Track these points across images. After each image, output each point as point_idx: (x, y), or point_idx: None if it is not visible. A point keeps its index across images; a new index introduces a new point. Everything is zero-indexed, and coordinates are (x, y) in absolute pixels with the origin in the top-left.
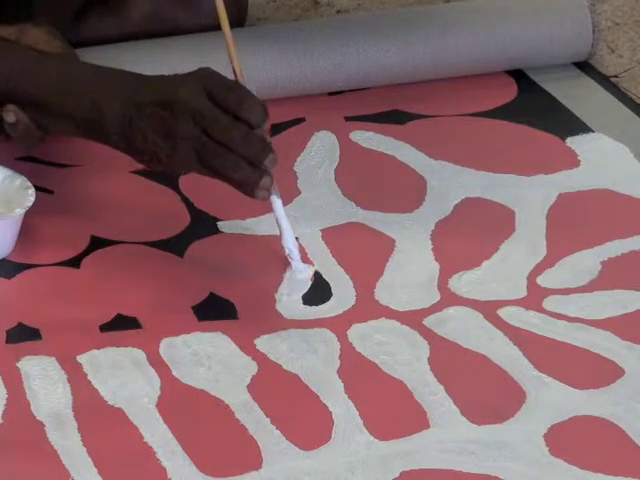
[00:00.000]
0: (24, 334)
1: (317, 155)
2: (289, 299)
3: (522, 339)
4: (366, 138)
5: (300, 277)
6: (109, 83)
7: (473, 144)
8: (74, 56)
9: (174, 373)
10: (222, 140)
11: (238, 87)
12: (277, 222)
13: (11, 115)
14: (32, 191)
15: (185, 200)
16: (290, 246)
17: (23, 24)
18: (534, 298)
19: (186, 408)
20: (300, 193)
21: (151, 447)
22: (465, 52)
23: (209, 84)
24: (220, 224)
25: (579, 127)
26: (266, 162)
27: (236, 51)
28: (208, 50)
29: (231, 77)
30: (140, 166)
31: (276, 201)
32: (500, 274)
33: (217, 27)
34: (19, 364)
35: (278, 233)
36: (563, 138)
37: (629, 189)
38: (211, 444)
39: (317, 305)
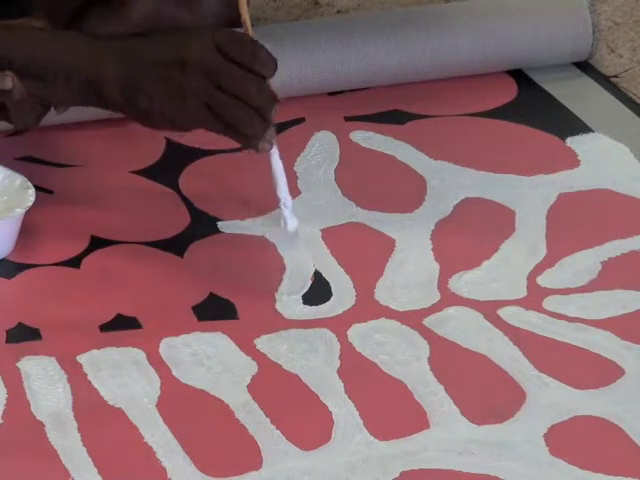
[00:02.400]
0: (24, 334)
1: (317, 155)
2: (289, 299)
3: (522, 339)
4: (366, 138)
5: (290, 228)
6: (108, 45)
7: (473, 144)
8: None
9: (174, 373)
10: (236, 92)
11: (250, 40)
12: (274, 174)
13: (8, 80)
14: (32, 191)
15: (185, 200)
16: (285, 195)
17: (20, 20)
18: (534, 298)
19: (186, 408)
20: (300, 193)
21: (151, 447)
22: (465, 52)
23: (219, 39)
24: (220, 224)
25: (579, 127)
26: (272, 113)
27: (247, 4)
28: None
29: None
30: (140, 166)
31: (275, 153)
32: (500, 274)
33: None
34: (19, 364)
35: (275, 185)
36: (563, 138)
37: (629, 189)
38: (211, 444)
39: (317, 305)
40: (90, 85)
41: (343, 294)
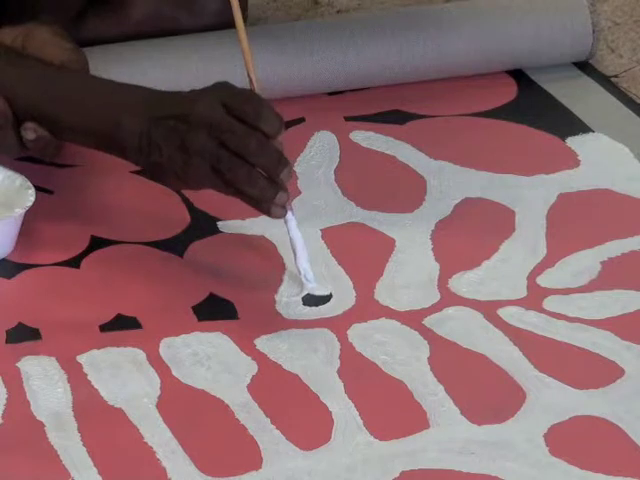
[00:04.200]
0: (24, 334)
1: (317, 155)
2: (289, 299)
3: (522, 339)
4: (366, 138)
5: (318, 293)
6: (126, 99)
7: (473, 144)
8: (82, 59)
9: (174, 373)
10: (238, 150)
11: (255, 97)
12: (291, 242)
13: (30, 133)
14: (32, 191)
15: (185, 200)
16: (305, 266)
17: (27, 25)
18: (534, 298)
19: (186, 408)
20: (300, 193)
21: (151, 447)
22: (465, 52)
23: (225, 96)
24: (220, 224)
25: (579, 127)
26: (282, 175)
27: (253, 60)
28: (209, 50)
29: (241, 84)
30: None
31: (291, 220)
32: (500, 274)
33: (217, 27)
34: (19, 364)
35: (294, 255)
36: (563, 138)
37: (629, 189)
38: (211, 444)
39: (317, 305)
40: (110, 137)
41: (343, 294)
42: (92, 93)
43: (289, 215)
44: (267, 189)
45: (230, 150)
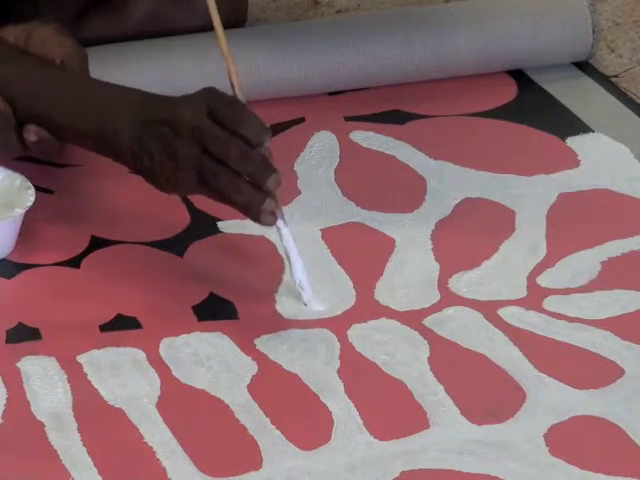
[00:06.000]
0: (24, 334)
1: (317, 155)
2: (289, 299)
3: (522, 339)
4: (366, 138)
5: (315, 309)
6: (120, 102)
7: (473, 144)
8: (83, 57)
9: (174, 373)
10: (221, 156)
11: (235, 102)
12: (285, 251)
13: (32, 135)
14: (32, 191)
15: (185, 200)
16: (300, 276)
17: (30, 23)
18: (534, 298)
19: (186, 408)
20: (300, 193)
21: (151, 447)
22: (465, 52)
23: (210, 102)
24: (220, 224)
25: (579, 127)
26: (268, 182)
27: (234, 66)
28: (208, 50)
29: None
30: None
31: (283, 228)
32: (500, 274)
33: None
34: (19, 364)
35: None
36: (563, 138)
37: (629, 189)
38: (211, 444)
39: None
40: (105, 140)
41: (343, 294)
42: (88, 95)
43: (280, 223)
44: (253, 196)
45: (215, 157)
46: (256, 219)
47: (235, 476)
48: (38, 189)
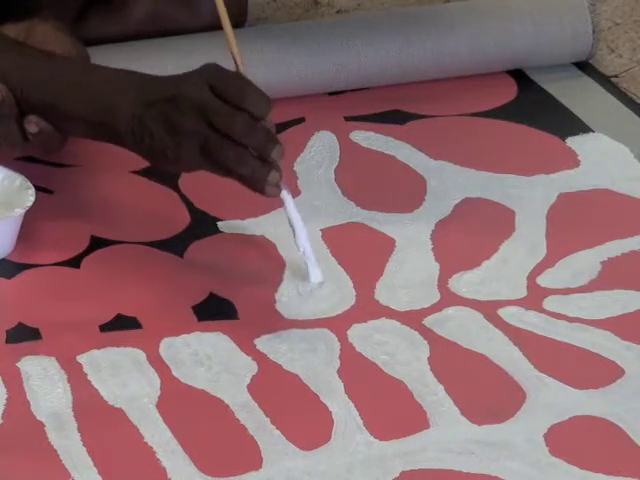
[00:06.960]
0: (24, 334)
1: (317, 155)
2: (289, 299)
3: (522, 339)
4: (366, 138)
5: (313, 280)
6: (119, 85)
7: (473, 144)
8: (83, 54)
9: (174, 373)
10: (225, 131)
11: (238, 77)
12: (289, 221)
13: (33, 126)
14: (32, 191)
15: (185, 200)
16: (304, 244)
17: (30, 21)
18: (534, 298)
19: (186, 408)
20: (300, 193)
21: (151, 447)
22: (465, 52)
23: (212, 77)
24: (220, 224)
25: (579, 127)
26: (273, 154)
27: (236, 41)
28: (208, 50)
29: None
30: (140, 166)
31: (287, 198)
32: (500, 274)
33: (218, 27)
34: (19, 364)
35: (287, 232)
36: (563, 138)
37: (629, 189)
38: (211, 444)
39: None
40: (104, 123)
41: (343, 294)
42: (88, 79)
43: (285, 194)
44: (258, 168)
45: (219, 131)
46: (261, 191)
47: (235, 476)
48: (38, 189)
